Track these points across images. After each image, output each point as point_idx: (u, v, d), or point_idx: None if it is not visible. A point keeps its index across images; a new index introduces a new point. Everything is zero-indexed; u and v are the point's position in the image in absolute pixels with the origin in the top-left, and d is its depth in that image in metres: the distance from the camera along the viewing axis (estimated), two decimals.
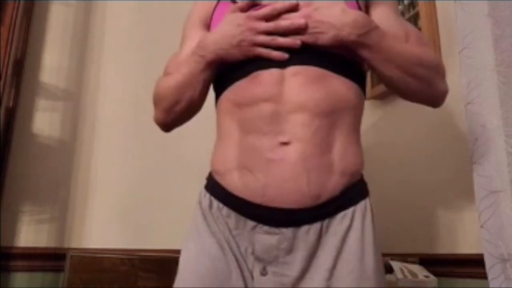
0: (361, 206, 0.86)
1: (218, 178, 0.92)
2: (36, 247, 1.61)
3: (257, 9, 0.90)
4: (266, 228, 0.84)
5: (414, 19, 1.64)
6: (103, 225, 1.69)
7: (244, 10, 0.91)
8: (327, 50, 0.87)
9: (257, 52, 0.88)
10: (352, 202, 0.86)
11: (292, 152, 0.83)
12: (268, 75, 0.87)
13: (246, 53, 0.88)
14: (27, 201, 1.64)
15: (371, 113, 1.91)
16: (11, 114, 1.64)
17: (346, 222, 0.84)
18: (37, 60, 1.77)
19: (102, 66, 1.83)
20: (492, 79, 1.04)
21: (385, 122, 1.81)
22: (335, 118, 0.86)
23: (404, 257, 1.43)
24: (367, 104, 1.89)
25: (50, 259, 1.59)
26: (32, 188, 1.66)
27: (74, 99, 1.79)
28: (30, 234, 1.61)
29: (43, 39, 1.79)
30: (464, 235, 1.38)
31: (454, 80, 1.44)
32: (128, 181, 1.76)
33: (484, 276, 1.00)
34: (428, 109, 1.67)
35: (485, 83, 1.05)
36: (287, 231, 0.83)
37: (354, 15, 0.86)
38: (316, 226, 0.83)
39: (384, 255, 1.49)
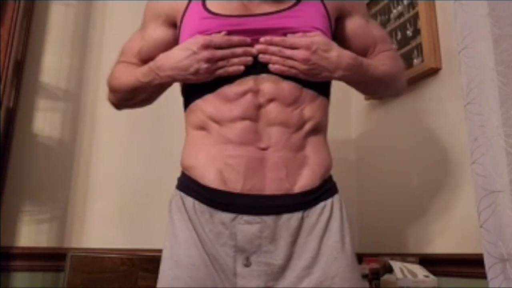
0: (337, 199, 0.92)
1: (190, 172, 0.92)
2: (36, 247, 1.60)
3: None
4: (246, 217, 0.86)
5: (414, 19, 1.64)
6: (103, 225, 1.69)
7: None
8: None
9: (214, 76, 0.91)
10: (329, 194, 0.91)
11: (271, 153, 0.88)
12: (238, 89, 0.90)
13: (205, 79, 0.91)
14: (27, 201, 1.64)
15: (370, 114, 1.91)
16: (11, 114, 1.64)
17: (327, 212, 0.88)
18: (37, 60, 1.77)
19: (102, 66, 1.83)
20: (492, 79, 1.04)
21: (384, 122, 1.81)
22: (307, 129, 0.93)
23: (404, 257, 1.44)
24: (367, 104, 1.91)
25: (50, 259, 1.59)
26: (32, 188, 1.66)
27: (74, 99, 1.79)
28: (30, 234, 1.61)
29: (43, 39, 1.79)
30: (463, 235, 1.38)
31: (454, 80, 1.44)
32: (128, 181, 1.76)
33: (483, 276, 1.00)
34: (428, 109, 1.67)
35: (485, 83, 1.05)
36: (268, 219, 0.85)
37: (347, 58, 0.93)
38: (297, 215, 0.86)
39: (384, 255, 1.50)
